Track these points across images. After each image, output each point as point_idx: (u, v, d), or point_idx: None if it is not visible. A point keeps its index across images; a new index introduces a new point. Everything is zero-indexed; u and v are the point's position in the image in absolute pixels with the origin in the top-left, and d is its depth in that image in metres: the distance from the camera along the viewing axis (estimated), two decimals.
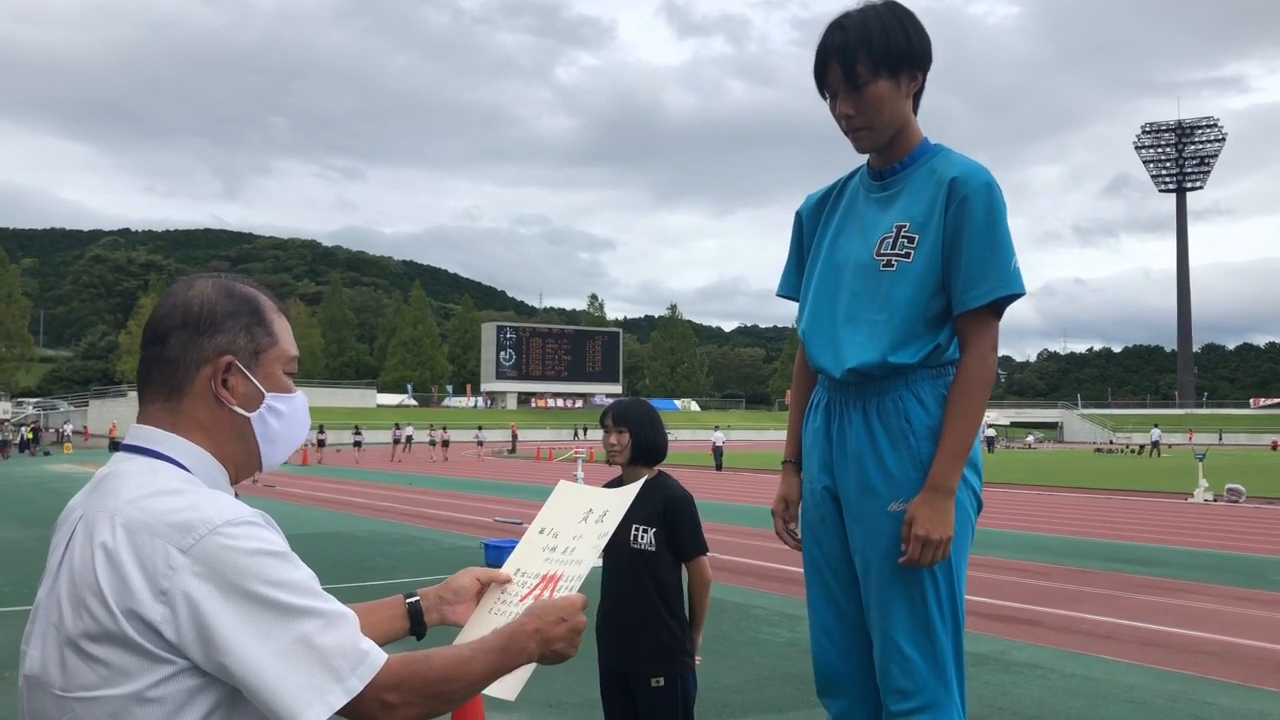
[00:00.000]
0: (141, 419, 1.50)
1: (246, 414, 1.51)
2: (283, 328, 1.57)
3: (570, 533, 1.87)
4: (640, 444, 3.49)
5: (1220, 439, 74.95)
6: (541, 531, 1.92)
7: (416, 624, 1.78)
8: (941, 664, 2.49)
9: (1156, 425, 62.41)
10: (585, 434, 69.04)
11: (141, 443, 1.47)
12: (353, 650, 1.36)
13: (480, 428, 55.71)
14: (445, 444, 46.18)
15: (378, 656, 1.38)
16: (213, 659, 1.30)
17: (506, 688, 1.59)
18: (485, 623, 1.74)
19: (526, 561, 1.85)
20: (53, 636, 1.36)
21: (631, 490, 1.94)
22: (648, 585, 3.39)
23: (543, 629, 1.58)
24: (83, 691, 1.32)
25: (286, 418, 1.56)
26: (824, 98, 2.61)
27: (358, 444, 44.58)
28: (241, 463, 1.54)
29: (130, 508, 1.36)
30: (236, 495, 1.48)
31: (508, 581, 1.82)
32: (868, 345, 2.53)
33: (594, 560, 1.78)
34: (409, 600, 1.78)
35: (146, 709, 1.31)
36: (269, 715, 1.33)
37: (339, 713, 1.35)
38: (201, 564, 1.31)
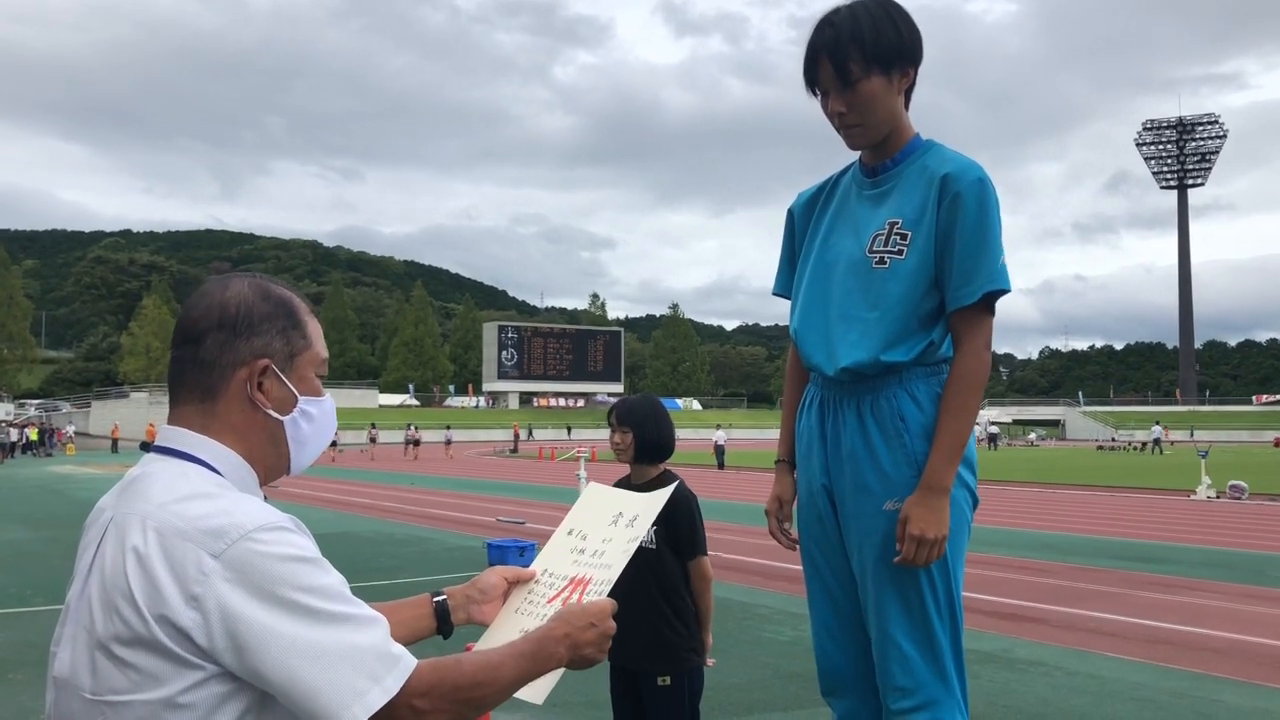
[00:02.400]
0: (173, 420, 1.49)
1: (280, 417, 1.51)
2: (315, 330, 1.57)
3: (600, 535, 1.86)
4: (644, 442, 3.49)
5: (1192, 435, 74.61)
6: (570, 533, 1.90)
7: (443, 623, 1.77)
8: (940, 661, 2.49)
9: (1158, 422, 62.25)
10: (531, 435, 68.49)
11: (173, 444, 1.46)
12: (386, 654, 1.36)
13: (449, 426, 56.27)
14: (416, 443, 47.43)
15: (409, 661, 1.38)
16: (246, 664, 1.30)
17: (535, 692, 1.58)
18: (512, 622, 1.74)
19: (554, 562, 1.83)
20: (83, 639, 1.35)
21: (663, 495, 1.92)
22: (649, 582, 3.39)
23: (572, 634, 1.57)
24: (113, 695, 1.32)
25: (317, 421, 1.56)
26: (814, 95, 2.59)
27: (333, 444, 44.95)
28: (271, 465, 1.53)
29: (162, 511, 1.35)
30: (266, 498, 1.47)
31: (535, 581, 1.81)
32: (860, 344, 2.52)
33: (623, 564, 1.76)
34: (436, 599, 1.78)
35: (177, 714, 1.31)
36: (307, 719, 1.32)
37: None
38: (233, 570, 1.30)
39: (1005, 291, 2.47)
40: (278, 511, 1.38)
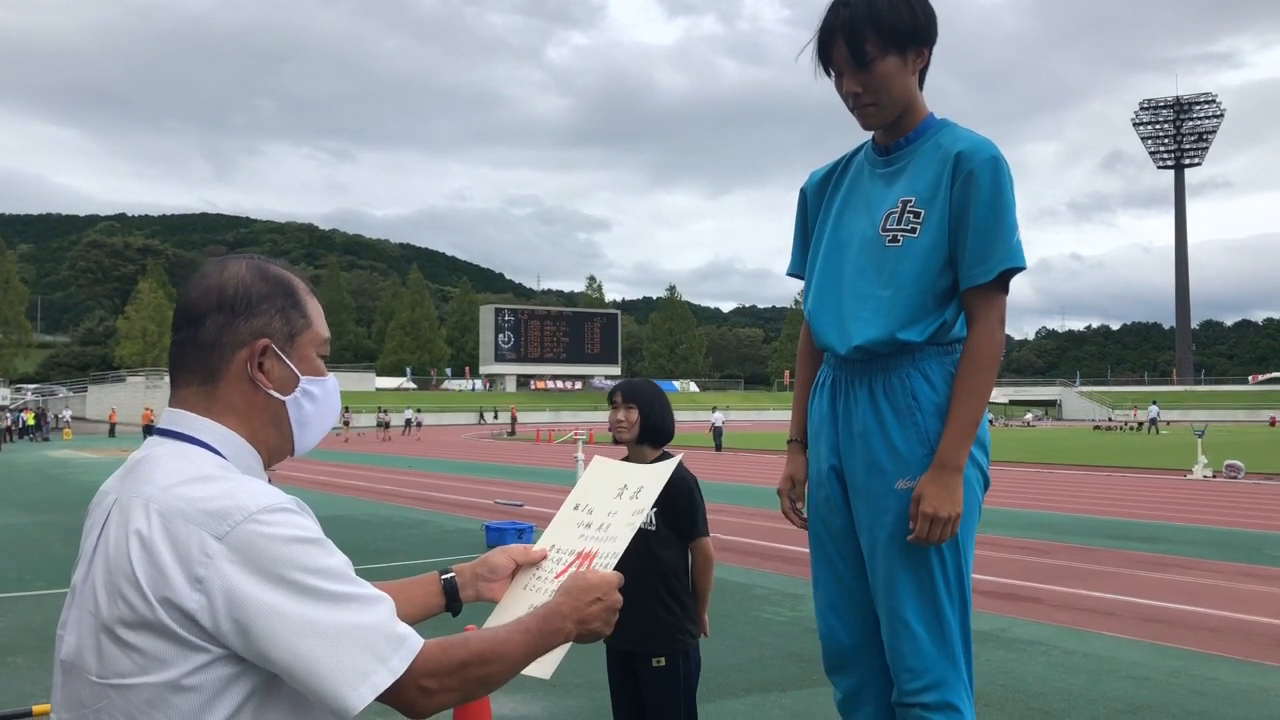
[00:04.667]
0: (175, 402, 1.49)
1: (282, 398, 1.50)
2: (315, 310, 1.56)
3: (605, 509, 1.86)
4: (649, 422, 3.47)
5: (1160, 415, 74.24)
6: (576, 507, 1.91)
7: (452, 600, 1.77)
8: (949, 642, 2.50)
9: (1154, 402, 62.17)
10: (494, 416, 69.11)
11: (175, 427, 1.46)
12: (392, 634, 1.36)
13: (419, 409, 56.89)
14: (388, 425, 47.89)
15: (415, 641, 1.38)
16: (252, 647, 1.30)
17: (542, 667, 1.59)
18: (520, 599, 1.74)
19: (561, 538, 1.84)
20: (88, 623, 1.35)
21: (667, 467, 1.92)
22: (648, 563, 3.38)
23: (579, 608, 1.58)
24: (119, 679, 1.32)
25: (320, 401, 1.55)
26: (827, 75, 2.58)
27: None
28: (275, 446, 1.53)
29: (165, 494, 1.35)
30: (270, 480, 1.47)
31: (543, 559, 1.81)
32: (874, 322, 2.51)
33: (629, 537, 1.76)
34: (444, 576, 1.78)
35: (183, 697, 1.31)
36: (315, 700, 1.32)
37: (377, 700, 1.34)
38: (237, 551, 1.30)
39: (1021, 269, 2.47)
40: (281, 493, 1.38)
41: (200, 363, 1.47)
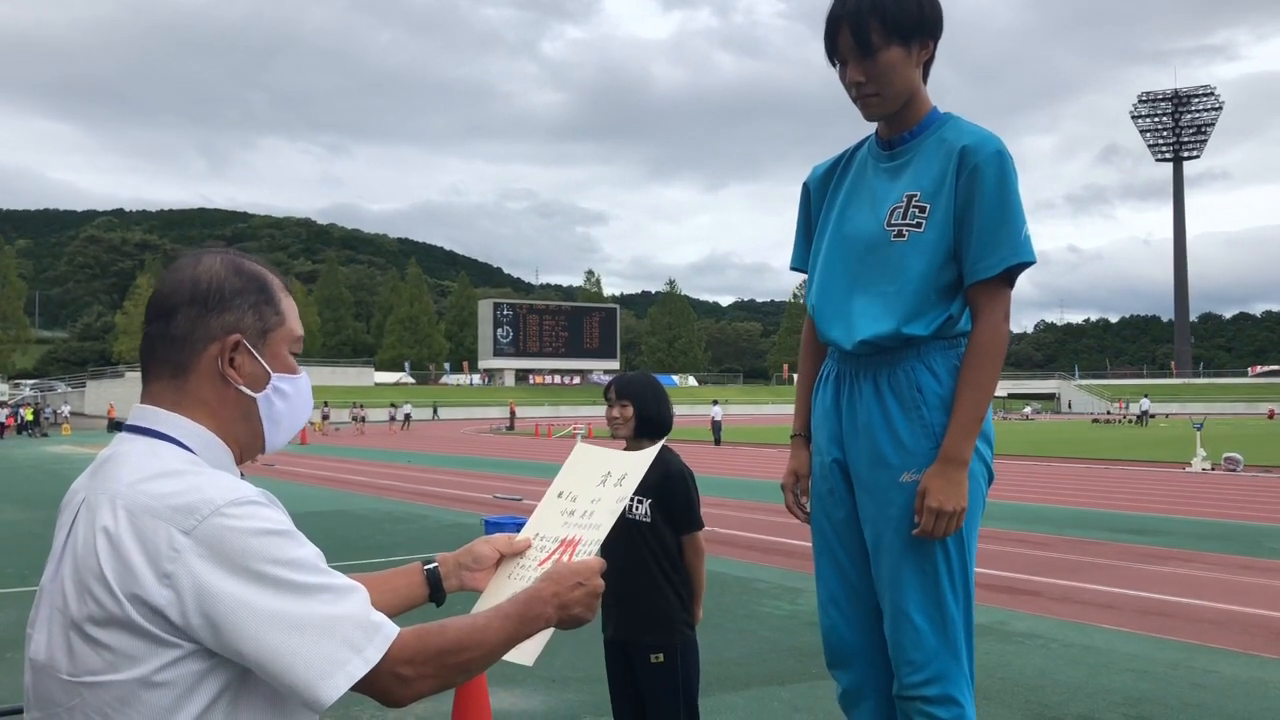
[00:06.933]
0: (145, 398, 1.47)
1: (253, 394, 1.48)
2: (289, 307, 1.55)
3: (589, 496, 1.85)
4: (643, 417, 3.47)
5: (1127, 408, 74.06)
6: (560, 495, 1.90)
7: (435, 590, 1.76)
8: (952, 635, 2.50)
9: (1146, 395, 62.10)
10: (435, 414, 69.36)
11: (144, 423, 1.44)
12: (365, 623, 1.35)
13: (393, 404, 57.62)
14: (362, 420, 48.46)
15: (390, 629, 1.37)
16: (222, 641, 1.29)
17: (524, 653, 1.58)
18: (504, 587, 1.73)
19: (545, 525, 1.84)
20: (58, 621, 1.34)
21: (650, 453, 1.92)
22: (644, 555, 3.39)
23: (560, 593, 1.56)
24: (89, 676, 1.31)
25: (291, 398, 1.54)
26: (833, 65, 2.58)
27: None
28: (246, 443, 1.51)
29: (131, 490, 1.33)
30: (242, 475, 1.46)
31: (527, 547, 1.80)
32: (880, 317, 2.51)
33: (611, 524, 1.76)
34: (427, 567, 1.77)
35: (154, 693, 1.30)
36: (287, 693, 1.31)
37: (353, 690, 1.33)
38: (205, 546, 1.29)
39: (1029, 263, 2.47)
40: (249, 486, 1.37)
41: (171, 357, 1.45)
